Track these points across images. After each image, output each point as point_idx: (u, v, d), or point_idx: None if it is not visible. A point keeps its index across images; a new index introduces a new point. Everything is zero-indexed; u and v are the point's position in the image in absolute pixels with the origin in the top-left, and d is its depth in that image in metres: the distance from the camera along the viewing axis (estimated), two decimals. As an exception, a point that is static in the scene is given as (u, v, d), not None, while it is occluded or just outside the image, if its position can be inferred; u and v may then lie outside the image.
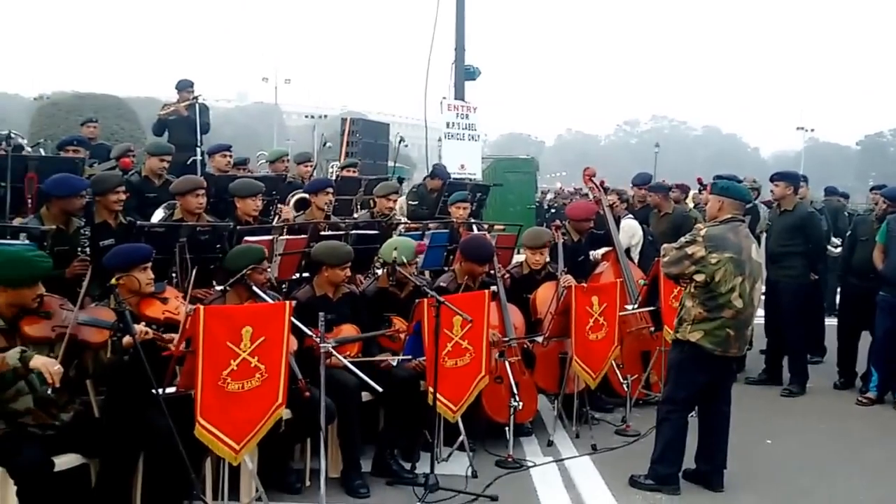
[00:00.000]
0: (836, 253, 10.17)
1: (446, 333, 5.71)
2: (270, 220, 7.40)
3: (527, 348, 6.85)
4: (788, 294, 8.68)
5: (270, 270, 5.94)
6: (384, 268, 6.40)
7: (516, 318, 6.81)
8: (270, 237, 6.23)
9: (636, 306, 7.48)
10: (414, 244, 6.48)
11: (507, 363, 6.45)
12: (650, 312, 7.53)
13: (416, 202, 10.03)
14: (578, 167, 11.05)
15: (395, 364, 5.83)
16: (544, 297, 7.04)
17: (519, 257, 7.94)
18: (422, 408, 5.78)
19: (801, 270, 8.67)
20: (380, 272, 6.59)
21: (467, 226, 8.31)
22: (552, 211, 24.01)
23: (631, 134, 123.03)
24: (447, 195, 9.07)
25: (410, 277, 6.15)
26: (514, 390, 6.27)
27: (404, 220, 8.72)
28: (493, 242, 7.21)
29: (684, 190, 10.50)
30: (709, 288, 5.59)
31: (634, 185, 10.33)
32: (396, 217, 8.45)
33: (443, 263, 7.74)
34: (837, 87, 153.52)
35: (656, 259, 6.81)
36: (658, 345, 7.52)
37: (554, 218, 14.80)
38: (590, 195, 8.88)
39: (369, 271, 7.04)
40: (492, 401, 6.39)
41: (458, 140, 14.66)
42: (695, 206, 10.35)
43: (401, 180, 12.09)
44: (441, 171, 10.66)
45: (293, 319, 4.95)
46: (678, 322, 5.82)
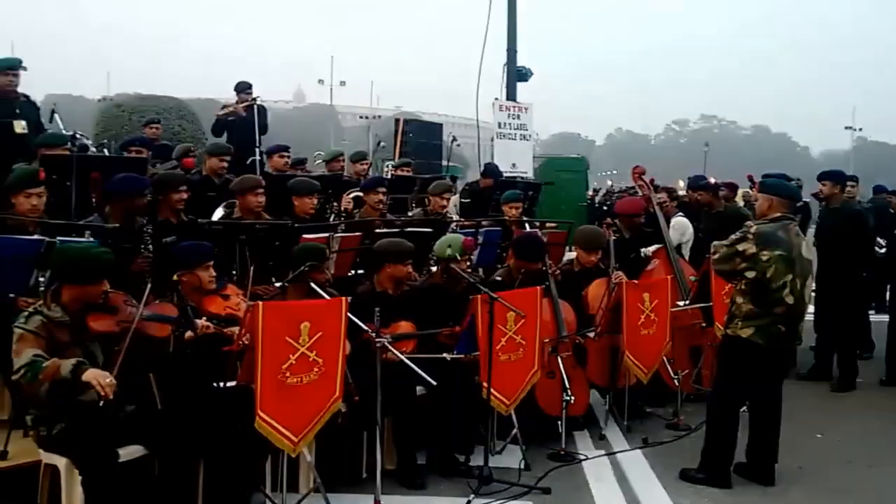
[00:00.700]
0: (881, 252, 10.03)
1: (500, 328, 5.76)
2: (327, 217, 7.52)
3: (579, 343, 6.89)
4: (836, 291, 8.63)
5: (329, 268, 6.02)
6: (438, 264, 6.51)
7: (568, 314, 6.85)
8: (327, 234, 6.32)
9: (688, 302, 7.51)
10: (461, 238, 6.53)
11: (559, 358, 6.49)
12: (701, 308, 7.54)
13: (469, 200, 10.10)
14: (628, 166, 11.03)
15: (448, 359, 5.88)
16: (596, 292, 7.07)
17: (570, 254, 7.98)
18: (476, 402, 5.83)
19: (848, 267, 8.59)
20: (434, 269, 6.70)
21: (520, 224, 8.37)
22: (604, 209, 23.92)
23: (680, 133, 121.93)
24: (499, 194, 9.12)
25: (463, 274, 6.23)
26: (567, 385, 6.31)
27: (457, 217, 8.81)
28: (544, 240, 7.28)
29: (732, 188, 10.42)
30: (760, 284, 5.61)
31: (689, 188, 10.27)
32: (450, 215, 8.53)
33: (496, 261, 7.81)
34: (887, 87, 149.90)
35: (707, 256, 6.84)
36: (708, 340, 7.52)
37: (605, 216, 14.80)
38: (639, 193, 8.92)
39: (424, 268, 7.13)
40: (545, 395, 6.46)
41: (509, 140, 14.77)
42: (745, 204, 10.29)
43: (454, 179, 12.20)
44: (493, 170, 10.73)
45: (349, 315, 5.03)
46: (729, 318, 5.85)
